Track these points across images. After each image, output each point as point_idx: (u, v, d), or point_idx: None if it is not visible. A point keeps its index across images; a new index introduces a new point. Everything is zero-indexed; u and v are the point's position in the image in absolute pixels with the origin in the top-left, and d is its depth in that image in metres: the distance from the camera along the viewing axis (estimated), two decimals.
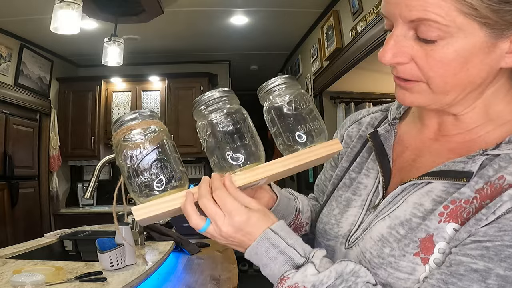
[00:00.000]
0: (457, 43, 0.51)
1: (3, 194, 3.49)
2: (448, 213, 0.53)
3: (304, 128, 0.61)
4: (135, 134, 0.55)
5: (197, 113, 0.61)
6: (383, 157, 0.66)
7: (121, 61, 3.09)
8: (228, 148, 0.58)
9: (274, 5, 3.33)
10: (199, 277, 1.72)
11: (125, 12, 3.06)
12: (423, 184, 0.58)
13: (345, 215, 0.67)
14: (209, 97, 0.59)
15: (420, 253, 0.53)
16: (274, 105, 0.63)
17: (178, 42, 4.18)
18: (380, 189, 0.64)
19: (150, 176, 0.54)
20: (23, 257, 1.73)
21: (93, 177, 1.88)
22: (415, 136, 0.67)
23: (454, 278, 0.49)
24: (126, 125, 0.55)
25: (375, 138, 0.69)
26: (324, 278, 0.53)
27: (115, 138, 0.56)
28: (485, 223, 0.49)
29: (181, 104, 4.30)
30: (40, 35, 3.68)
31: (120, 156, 0.55)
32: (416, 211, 0.57)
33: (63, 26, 2.34)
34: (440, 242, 0.53)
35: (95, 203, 4.45)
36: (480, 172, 0.53)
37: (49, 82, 4.21)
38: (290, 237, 0.57)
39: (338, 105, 3.75)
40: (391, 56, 0.54)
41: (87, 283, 1.28)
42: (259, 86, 0.66)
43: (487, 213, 0.49)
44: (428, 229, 0.54)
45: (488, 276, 0.47)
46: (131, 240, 1.55)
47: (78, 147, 4.37)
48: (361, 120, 0.77)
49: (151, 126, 0.56)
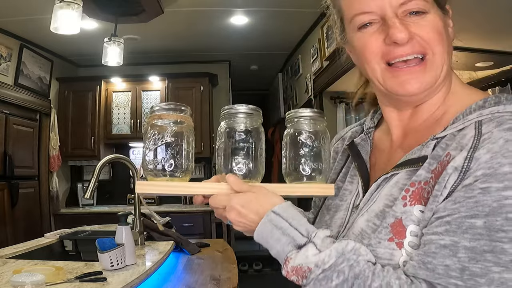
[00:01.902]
0: (435, 14, 0.62)
1: (3, 194, 3.49)
2: (410, 196, 0.58)
3: (311, 164, 0.67)
4: (163, 122, 0.64)
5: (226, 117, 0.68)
6: (361, 162, 0.73)
7: (121, 61, 3.09)
8: (237, 158, 0.65)
9: (274, 5, 3.33)
10: (199, 277, 1.72)
11: (125, 12, 3.06)
12: (392, 176, 0.63)
13: (333, 219, 0.72)
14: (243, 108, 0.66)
15: (394, 238, 0.57)
16: (294, 133, 0.68)
17: (178, 42, 4.18)
18: (360, 190, 0.70)
19: (162, 159, 0.63)
20: (23, 257, 1.73)
21: (93, 177, 1.88)
22: (387, 140, 0.73)
23: (429, 257, 0.52)
24: (158, 113, 0.65)
25: (352, 147, 0.76)
26: (325, 258, 0.55)
27: (148, 121, 0.66)
28: (442, 199, 0.53)
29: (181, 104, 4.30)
30: (40, 35, 3.68)
31: (145, 136, 0.65)
32: (387, 201, 0.61)
33: (63, 26, 2.34)
34: (410, 225, 0.56)
35: (95, 203, 4.45)
36: (432, 154, 0.58)
37: (49, 82, 4.21)
38: (293, 217, 0.60)
39: (338, 105, 3.76)
40: (406, 32, 0.61)
41: (87, 283, 1.28)
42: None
43: (439, 188, 0.53)
44: (395, 214, 0.58)
45: (457, 250, 0.50)
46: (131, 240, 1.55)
47: (78, 147, 4.37)
48: (344, 136, 0.85)
49: (178, 119, 0.65)
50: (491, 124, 0.54)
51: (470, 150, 0.53)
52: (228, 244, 2.48)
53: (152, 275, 1.55)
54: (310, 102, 4.05)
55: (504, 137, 0.51)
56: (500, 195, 0.48)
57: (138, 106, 4.41)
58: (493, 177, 0.49)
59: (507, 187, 0.48)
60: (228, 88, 4.94)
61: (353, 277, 0.54)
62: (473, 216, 0.49)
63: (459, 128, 0.58)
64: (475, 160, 0.51)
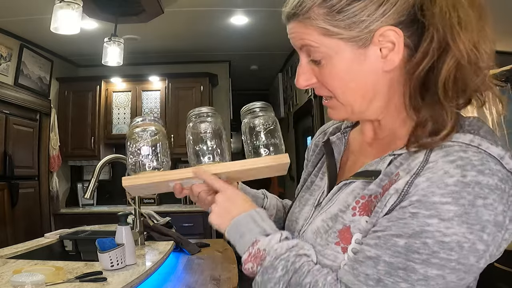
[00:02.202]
0: (334, 59, 0.61)
1: (3, 194, 3.49)
2: (360, 207, 0.62)
3: (264, 141, 0.75)
4: (139, 131, 0.77)
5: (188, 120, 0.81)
6: (331, 161, 0.77)
7: (121, 61, 3.09)
8: (203, 149, 0.76)
9: (274, 5, 3.32)
10: (199, 277, 1.72)
11: (125, 12, 3.06)
12: (350, 183, 0.67)
13: (301, 213, 0.77)
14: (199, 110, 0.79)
15: (340, 242, 0.62)
16: (248, 122, 0.78)
17: (178, 42, 4.18)
18: (325, 189, 0.74)
19: (143, 158, 0.75)
20: (23, 257, 1.73)
21: (93, 177, 1.89)
22: (358, 142, 0.76)
23: (357, 263, 0.57)
24: (135, 124, 0.79)
25: (327, 145, 0.80)
26: (278, 248, 0.63)
27: (128, 132, 0.79)
28: (381, 215, 0.57)
29: (181, 104, 4.30)
30: (40, 35, 3.68)
31: (128, 143, 0.77)
32: (341, 206, 0.65)
33: (63, 26, 2.34)
34: (356, 233, 0.61)
35: (95, 203, 4.45)
36: (385, 170, 0.61)
37: (49, 82, 4.21)
38: (268, 221, 0.68)
39: None
40: (302, 81, 0.66)
41: (87, 283, 1.28)
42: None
43: (381, 206, 0.58)
44: (344, 221, 0.63)
45: (378, 262, 0.55)
46: (131, 240, 1.55)
47: (78, 147, 4.37)
48: (326, 130, 0.88)
49: (152, 127, 0.78)
50: (440, 152, 0.56)
51: (412, 176, 0.56)
52: (228, 244, 2.48)
53: (152, 275, 1.55)
54: (310, 102, 4.05)
55: (444, 168, 0.53)
56: (424, 222, 0.52)
57: (138, 106, 4.41)
58: (423, 204, 0.53)
59: (432, 215, 0.52)
60: (228, 88, 4.94)
61: (292, 271, 0.60)
62: (398, 236, 0.54)
63: (414, 149, 0.59)
64: (414, 186, 0.55)
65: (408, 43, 0.59)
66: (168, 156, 0.78)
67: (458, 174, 0.52)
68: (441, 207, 0.52)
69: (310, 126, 4.15)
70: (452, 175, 0.52)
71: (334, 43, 0.60)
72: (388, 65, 0.60)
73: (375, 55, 0.60)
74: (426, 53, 0.57)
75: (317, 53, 0.62)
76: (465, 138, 0.56)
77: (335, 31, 0.59)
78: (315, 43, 0.61)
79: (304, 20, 0.61)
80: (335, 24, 0.59)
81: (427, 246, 0.52)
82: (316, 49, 0.61)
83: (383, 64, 0.60)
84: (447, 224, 0.51)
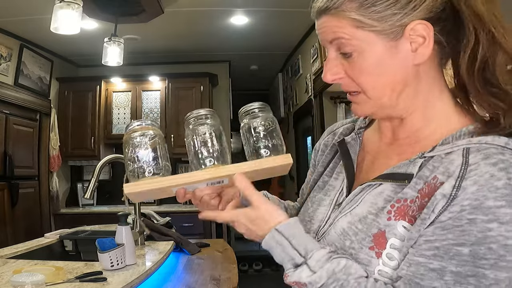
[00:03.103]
0: (366, 52, 0.62)
1: (3, 194, 3.49)
2: (395, 211, 0.61)
3: (264, 142, 0.74)
4: (137, 135, 0.74)
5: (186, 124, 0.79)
6: (348, 161, 0.76)
7: (121, 61, 3.09)
8: (204, 151, 0.74)
9: (274, 5, 3.33)
10: (199, 277, 1.72)
11: (125, 12, 3.06)
12: (376, 185, 0.66)
13: (316, 213, 0.76)
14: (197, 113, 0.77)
15: (374, 247, 0.61)
16: (248, 123, 0.77)
17: (178, 42, 4.18)
18: (344, 189, 0.73)
19: (143, 164, 0.73)
20: (23, 257, 1.73)
21: (93, 177, 1.89)
22: (375, 142, 0.76)
23: (417, 278, 0.56)
24: (132, 128, 0.76)
25: (342, 145, 0.79)
26: (316, 279, 0.60)
27: (124, 137, 0.75)
28: (429, 222, 0.56)
29: (181, 104, 4.30)
30: (40, 35, 3.68)
31: (125, 148, 0.74)
32: (371, 209, 0.64)
33: (63, 26, 2.34)
34: (391, 238, 0.60)
35: (95, 203, 4.45)
36: (419, 174, 0.61)
37: (49, 82, 4.21)
38: (294, 235, 0.64)
39: (338, 105, 3.76)
40: (330, 75, 0.66)
41: (87, 283, 1.28)
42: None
43: (428, 212, 0.57)
44: (379, 225, 0.62)
45: (444, 273, 0.54)
46: (131, 240, 1.55)
47: (78, 147, 4.37)
48: (336, 131, 0.87)
49: (150, 131, 0.76)
50: (478, 155, 0.57)
51: (458, 179, 0.56)
52: (228, 244, 2.48)
53: (152, 275, 1.55)
54: (310, 102, 4.05)
55: (489, 171, 0.54)
56: (485, 227, 0.53)
57: (138, 106, 4.41)
58: (479, 209, 0.53)
59: (491, 220, 0.52)
60: (228, 88, 4.94)
61: None
62: (460, 244, 0.54)
63: (447, 151, 0.60)
64: (462, 189, 0.55)
65: (438, 38, 0.62)
66: (168, 160, 0.76)
67: (504, 177, 0.53)
68: (497, 211, 0.52)
69: (310, 126, 4.15)
70: (499, 178, 0.53)
71: (366, 35, 0.61)
72: (418, 58, 0.62)
73: (405, 48, 0.62)
74: (476, 46, 0.59)
75: (349, 45, 0.62)
76: (500, 141, 0.58)
77: (369, 23, 0.60)
78: (347, 35, 0.62)
79: (337, 13, 0.62)
80: (368, 16, 0.60)
81: (493, 251, 0.52)
82: (347, 41, 0.62)
83: (413, 57, 0.62)
84: (508, 227, 0.52)
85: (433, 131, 0.66)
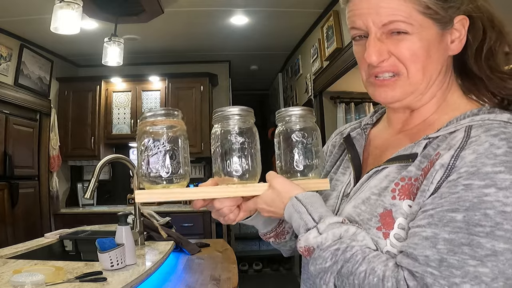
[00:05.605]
0: (420, 35, 0.63)
1: (3, 194, 3.49)
2: (399, 189, 0.61)
3: (304, 160, 0.69)
4: (157, 129, 0.63)
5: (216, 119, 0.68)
6: (354, 153, 0.77)
7: (121, 61, 3.09)
8: (233, 159, 0.66)
9: (274, 5, 3.33)
10: (199, 277, 1.72)
11: (125, 12, 3.06)
12: (383, 169, 0.67)
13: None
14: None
15: (382, 227, 0.61)
16: (286, 130, 0.71)
17: (178, 42, 4.18)
18: (352, 181, 0.73)
19: (159, 166, 0.62)
20: (23, 257, 1.73)
21: (93, 177, 1.89)
22: (383, 137, 0.77)
23: (411, 248, 0.55)
24: (150, 120, 0.63)
25: (348, 140, 0.80)
26: (322, 240, 0.60)
27: (140, 128, 0.64)
28: (429, 194, 0.56)
29: (181, 104, 4.30)
30: (40, 35, 3.68)
31: (140, 144, 0.63)
32: (374, 190, 0.65)
33: (63, 26, 2.34)
34: (399, 218, 0.60)
35: (95, 203, 4.45)
36: (424, 153, 0.62)
37: (49, 82, 4.21)
38: (312, 204, 0.65)
39: (338, 105, 3.75)
40: (377, 56, 0.65)
41: (87, 283, 1.28)
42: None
43: (427, 183, 0.57)
44: (384, 204, 0.62)
45: (437, 241, 0.52)
46: (131, 240, 1.55)
47: (78, 147, 4.37)
48: (343, 132, 0.88)
49: (172, 124, 0.64)
50: (480, 129, 0.57)
51: (457, 150, 0.56)
52: (228, 244, 2.48)
53: (152, 275, 1.55)
54: (310, 102, 4.05)
55: (489, 141, 0.54)
56: (481, 192, 0.51)
57: (138, 106, 4.40)
58: (475, 175, 0.52)
59: (488, 185, 0.51)
60: (228, 88, 4.94)
61: (343, 260, 0.58)
62: (454, 210, 0.52)
63: (450, 130, 0.61)
64: (461, 158, 0.54)
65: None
66: (188, 164, 0.66)
67: (505, 145, 0.53)
68: (495, 176, 0.51)
69: None
70: (499, 147, 0.53)
71: (426, 21, 0.63)
72: (453, 50, 0.66)
73: (447, 39, 0.65)
74: (483, 40, 0.65)
75: (405, 26, 0.63)
76: (503, 117, 0.59)
77: (434, 9, 0.62)
78: (408, 19, 0.62)
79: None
80: (435, 3, 0.62)
81: (489, 217, 0.50)
82: (405, 26, 0.62)
83: (450, 49, 0.66)
84: (506, 193, 0.50)
85: (441, 117, 0.67)
